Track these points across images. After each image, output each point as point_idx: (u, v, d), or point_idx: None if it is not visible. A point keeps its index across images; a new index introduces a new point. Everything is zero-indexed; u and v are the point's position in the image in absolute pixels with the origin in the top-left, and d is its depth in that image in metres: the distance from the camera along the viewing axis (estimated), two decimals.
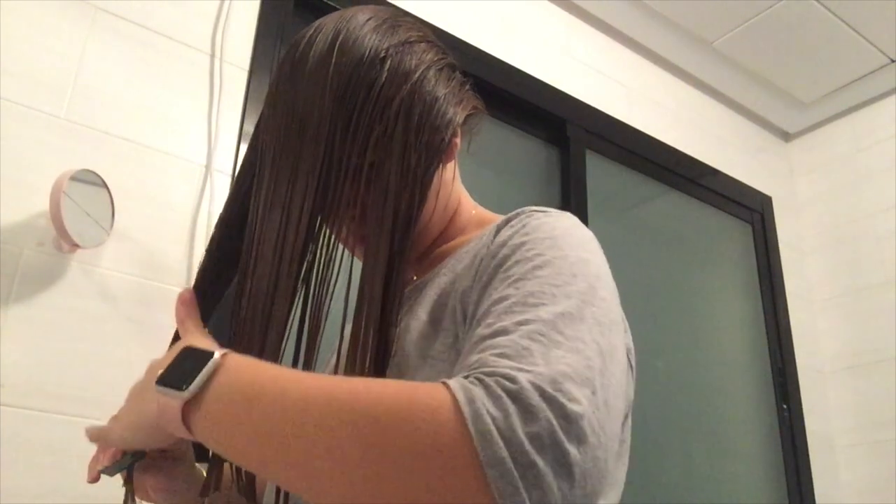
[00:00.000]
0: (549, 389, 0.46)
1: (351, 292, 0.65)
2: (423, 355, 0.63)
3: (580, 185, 2.12)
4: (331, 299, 0.65)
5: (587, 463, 0.46)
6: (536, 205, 0.82)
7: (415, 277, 0.76)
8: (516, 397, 0.45)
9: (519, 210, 0.67)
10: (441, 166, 0.71)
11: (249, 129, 1.53)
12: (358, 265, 0.67)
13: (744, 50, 2.47)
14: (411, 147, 0.66)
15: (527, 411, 0.45)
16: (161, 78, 1.45)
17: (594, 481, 0.46)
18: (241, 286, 0.68)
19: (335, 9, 1.93)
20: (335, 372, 0.65)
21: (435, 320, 0.65)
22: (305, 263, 0.65)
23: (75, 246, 1.25)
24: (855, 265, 2.59)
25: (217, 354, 0.54)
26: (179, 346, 0.60)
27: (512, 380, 0.46)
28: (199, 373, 0.54)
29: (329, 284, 0.66)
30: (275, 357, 0.63)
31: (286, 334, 0.64)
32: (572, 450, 0.45)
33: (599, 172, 2.20)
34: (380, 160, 0.65)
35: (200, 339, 0.61)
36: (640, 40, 2.45)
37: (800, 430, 2.40)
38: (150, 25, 1.47)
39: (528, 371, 0.47)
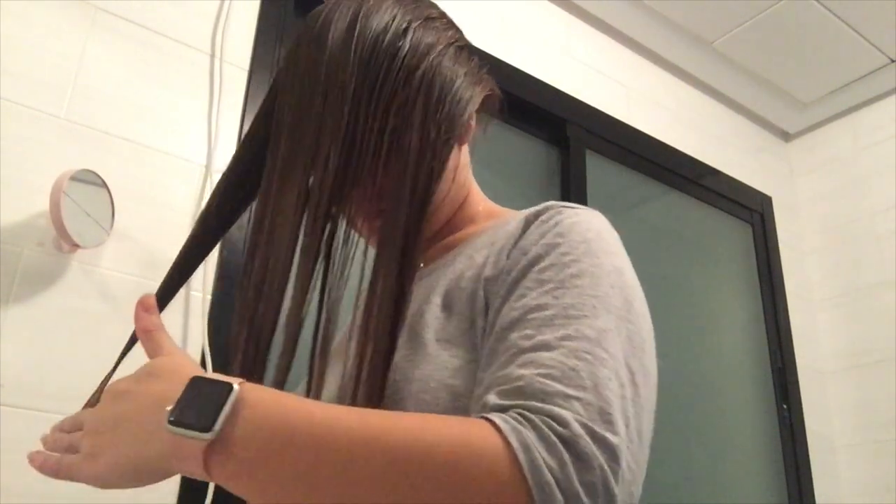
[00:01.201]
0: (598, 430, 0.47)
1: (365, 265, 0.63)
2: (436, 339, 0.62)
3: (580, 185, 2.12)
4: (352, 262, 0.64)
5: (625, 497, 0.47)
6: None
7: (422, 265, 0.74)
8: (570, 445, 0.45)
9: (547, 205, 0.66)
10: (458, 144, 0.71)
11: None
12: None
13: (744, 50, 2.47)
14: (431, 119, 0.66)
15: (580, 459, 0.45)
16: (161, 78, 1.45)
17: None
18: (254, 244, 0.65)
19: None
20: (348, 343, 0.63)
21: (448, 305, 0.64)
22: (328, 227, 0.64)
23: (75, 246, 1.25)
24: (855, 265, 2.59)
25: (236, 385, 0.49)
26: (167, 371, 0.54)
27: (563, 423, 0.46)
28: (219, 409, 0.48)
29: (353, 245, 0.65)
30: (296, 324, 0.61)
31: (307, 300, 0.62)
32: (618, 492, 0.46)
33: (599, 172, 2.20)
34: (401, 127, 0.65)
35: (189, 362, 0.56)
36: (639, 40, 2.45)
37: (800, 430, 2.40)
38: (150, 25, 1.47)
39: (577, 399, 0.48)
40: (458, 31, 0.75)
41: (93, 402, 0.63)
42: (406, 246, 0.62)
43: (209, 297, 1.38)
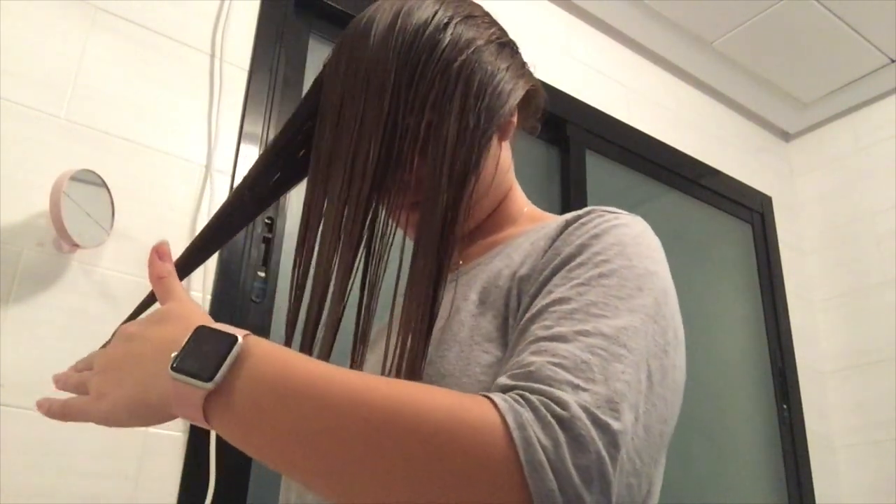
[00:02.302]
0: (601, 416, 0.46)
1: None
2: (471, 335, 0.63)
3: (580, 185, 2.12)
4: (391, 248, 0.66)
5: (622, 489, 0.47)
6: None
7: (461, 262, 0.76)
8: (566, 426, 0.45)
9: (590, 208, 0.67)
10: (498, 136, 0.72)
11: (250, 129, 1.53)
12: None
13: (744, 50, 2.47)
14: (470, 110, 0.67)
15: (576, 441, 0.45)
16: (161, 78, 1.45)
17: None
18: (303, 231, 0.68)
19: (336, 9, 1.92)
20: (389, 326, 0.65)
21: (484, 301, 0.65)
22: (370, 213, 0.66)
23: (75, 246, 1.25)
24: (855, 265, 2.59)
25: (240, 338, 0.50)
26: (175, 316, 0.55)
27: (563, 405, 0.46)
28: (222, 360, 0.49)
29: (391, 235, 0.66)
30: (338, 309, 0.63)
31: (351, 281, 0.64)
32: (614, 480, 0.46)
33: (599, 172, 2.20)
34: (438, 120, 0.66)
35: (198, 310, 0.57)
36: (640, 40, 2.45)
37: (800, 430, 2.40)
38: (150, 25, 1.47)
39: (584, 390, 0.47)
40: (500, 28, 0.76)
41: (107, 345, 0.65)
42: (443, 234, 0.63)
43: (209, 297, 1.38)
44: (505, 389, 0.49)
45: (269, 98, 1.57)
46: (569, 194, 2.08)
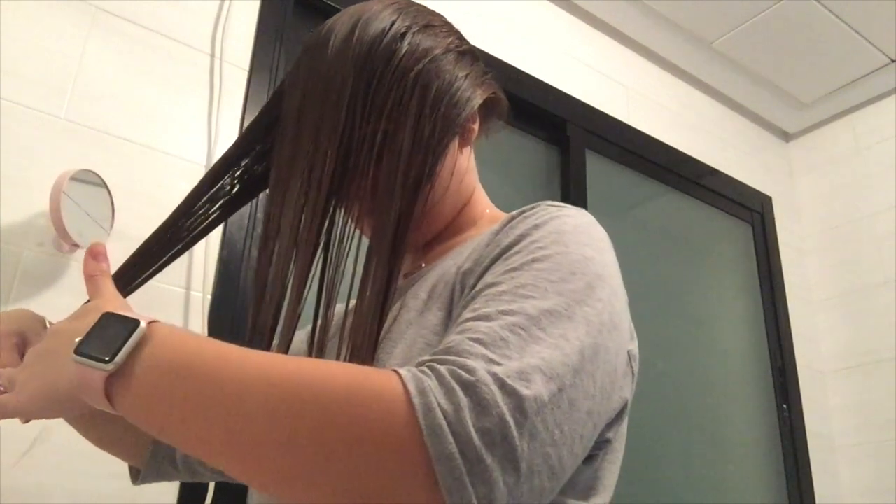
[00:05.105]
0: (509, 382, 0.46)
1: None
2: (416, 330, 0.64)
3: (580, 185, 2.12)
4: (347, 255, 0.67)
5: (535, 458, 0.46)
6: None
7: (423, 265, 0.76)
8: (470, 390, 0.45)
9: (535, 204, 0.67)
10: (456, 142, 0.73)
11: None
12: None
13: (744, 50, 2.47)
14: (426, 118, 0.68)
15: (479, 405, 0.45)
16: (161, 78, 1.45)
17: (542, 478, 0.46)
18: (264, 239, 0.69)
19: (335, 9, 1.92)
20: (342, 328, 0.66)
21: (431, 297, 0.67)
22: (327, 221, 0.67)
23: (75, 246, 1.25)
24: (855, 265, 2.59)
25: (143, 323, 0.51)
26: (94, 309, 0.56)
27: (469, 371, 0.46)
28: (123, 343, 0.50)
29: (348, 241, 0.67)
30: (294, 314, 0.64)
31: (307, 287, 0.65)
32: (522, 445, 0.45)
33: (599, 172, 2.20)
34: (393, 130, 0.67)
35: (117, 304, 0.58)
36: (640, 40, 2.45)
37: (800, 430, 2.40)
38: (150, 25, 1.47)
39: (498, 364, 0.47)
40: (460, 37, 0.76)
41: None
42: (395, 241, 0.64)
43: (209, 297, 1.38)
44: (420, 364, 0.49)
45: (268, 98, 1.57)
46: (569, 194, 2.08)
